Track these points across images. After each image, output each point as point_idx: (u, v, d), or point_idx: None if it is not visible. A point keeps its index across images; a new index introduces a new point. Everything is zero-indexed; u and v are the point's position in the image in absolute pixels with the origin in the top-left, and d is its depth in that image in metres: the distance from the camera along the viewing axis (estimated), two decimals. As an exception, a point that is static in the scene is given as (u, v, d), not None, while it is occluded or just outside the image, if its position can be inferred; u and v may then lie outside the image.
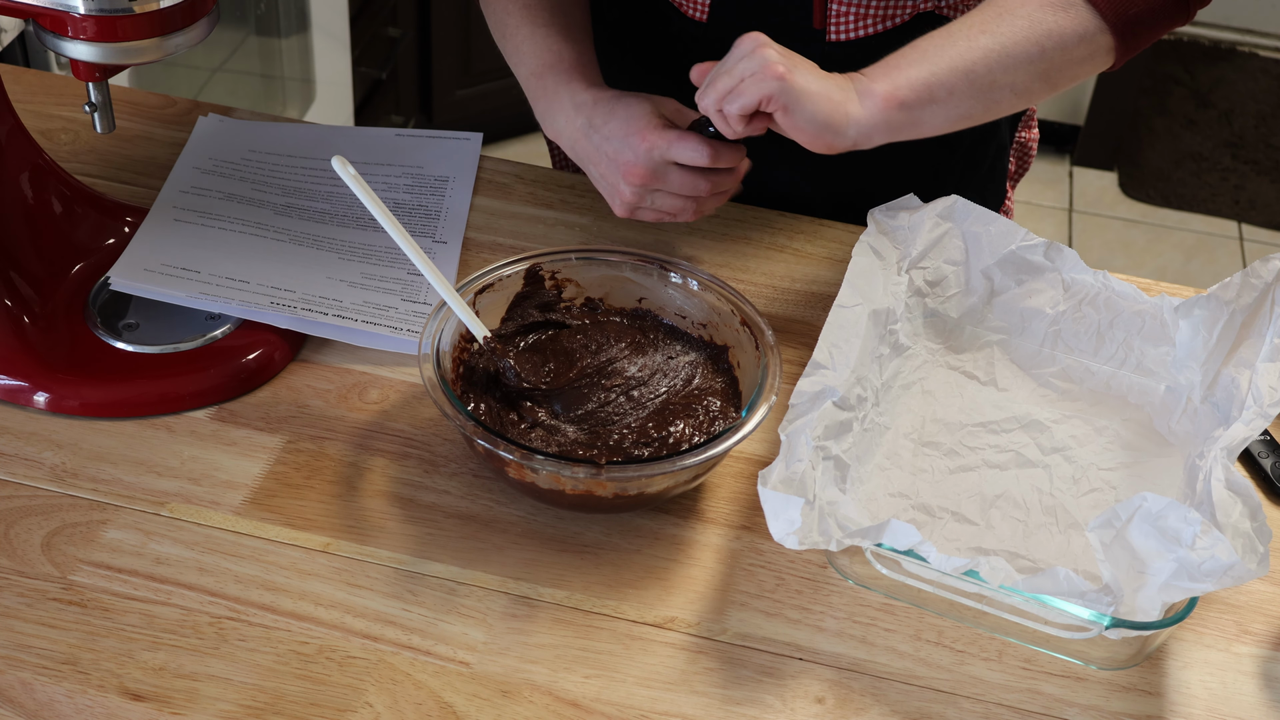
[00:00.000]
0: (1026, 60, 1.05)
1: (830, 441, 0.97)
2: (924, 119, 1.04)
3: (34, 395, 1.05)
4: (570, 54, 1.18)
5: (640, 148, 1.09)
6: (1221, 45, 3.74)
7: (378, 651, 0.91)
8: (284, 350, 1.11)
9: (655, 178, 1.10)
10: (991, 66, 1.04)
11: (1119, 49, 1.07)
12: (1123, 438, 1.08)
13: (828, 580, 0.98)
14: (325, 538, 0.98)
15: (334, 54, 2.58)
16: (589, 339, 1.09)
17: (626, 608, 0.95)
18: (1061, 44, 1.05)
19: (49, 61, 1.79)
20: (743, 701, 0.90)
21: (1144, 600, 0.87)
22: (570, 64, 1.18)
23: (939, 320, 1.15)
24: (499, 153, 2.82)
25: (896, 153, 1.29)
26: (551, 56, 1.18)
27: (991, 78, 1.04)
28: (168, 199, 1.23)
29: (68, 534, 0.97)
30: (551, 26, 1.19)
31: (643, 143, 1.09)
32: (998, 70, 1.04)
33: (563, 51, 1.18)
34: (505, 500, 1.01)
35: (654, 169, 1.10)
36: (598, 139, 1.12)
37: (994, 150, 1.34)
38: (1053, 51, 1.05)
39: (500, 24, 1.22)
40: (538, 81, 1.19)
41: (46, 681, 0.88)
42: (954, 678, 0.92)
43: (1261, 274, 1.06)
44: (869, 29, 1.20)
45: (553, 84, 1.17)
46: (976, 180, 1.34)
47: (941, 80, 1.03)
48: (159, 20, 0.97)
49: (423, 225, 1.24)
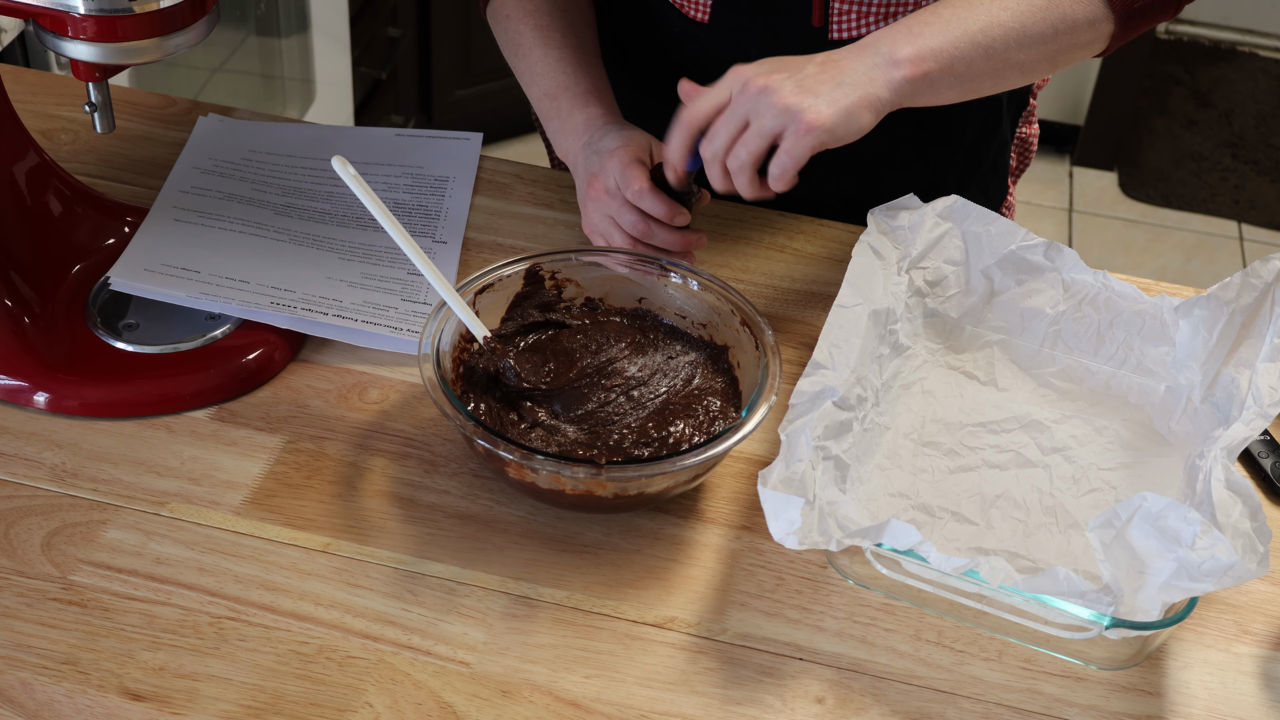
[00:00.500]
0: (1039, 40, 1.05)
1: (830, 441, 0.97)
2: (940, 91, 1.04)
3: (34, 395, 1.05)
4: (586, 78, 1.19)
5: (613, 168, 1.10)
6: (1221, 45, 3.74)
7: (378, 651, 0.91)
8: (284, 350, 1.11)
9: (612, 201, 1.10)
10: (1009, 44, 1.04)
11: (1115, 37, 1.09)
12: (1123, 438, 1.08)
13: (828, 580, 0.98)
14: (325, 538, 0.98)
15: (334, 54, 2.58)
16: (589, 339, 1.09)
17: (626, 608, 0.95)
18: (1072, 27, 1.06)
19: (49, 61, 1.79)
20: (743, 701, 0.90)
21: (1144, 600, 0.87)
22: (586, 88, 1.18)
23: (939, 320, 1.15)
24: (499, 153, 2.82)
25: (901, 150, 1.30)
26: (567, 79, 1.19)
27: (1006, 55, 1.05)
28: (168, 199, 1.23)
29: (68, 534, 0.97)
30: (565, 49, 1.20)
31: (617, 165, 1.10)
32: (1013, 48, 1.05)
33: (578, 74, 1.19)
34: (505, 500, 1.01)
35: (613, 194, 1.10)
36: (588, 153, 1.14)
37: (996, 146, 1.34)
38: (1064, 34, 1.06)
39: (512, 43, 1.22)
40: (551, 103, 1.19)
41: (46, 681, 0.88)
42: (954, 678, 0.92)
43: (1261, 274, 1.06)
44: (871, 27, 1.19)
45: (567, 106, 1.18)
46: (979, 176, 1.34)
47: (963, 54, 1.03)
48: (159, 20, 0.97)
49: (423, 225, 1.24)
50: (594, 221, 1.13)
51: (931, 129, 1.28)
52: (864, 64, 1.01)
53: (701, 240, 1.12)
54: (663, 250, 1.12)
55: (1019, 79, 1.08)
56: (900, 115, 1.08)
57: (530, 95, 1.22)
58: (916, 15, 1.04)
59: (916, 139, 1.29)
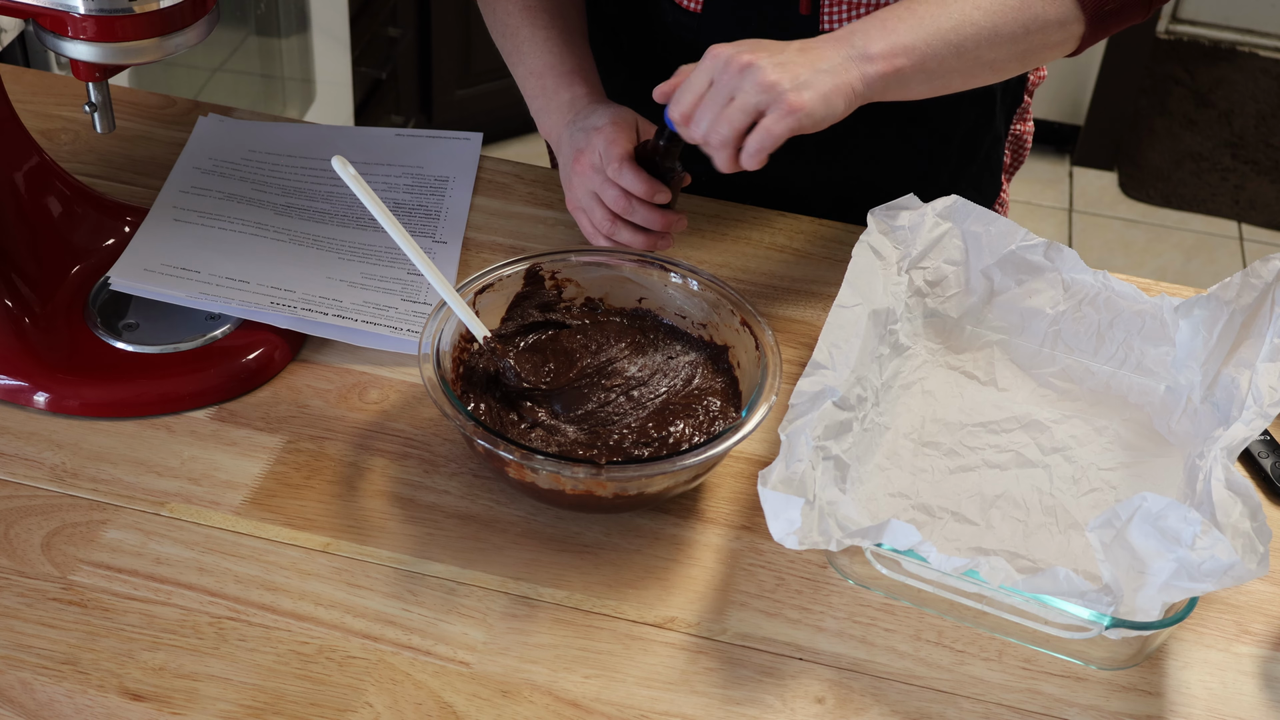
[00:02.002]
0: (1011, 39, 1.06)
1: (830, 441, 0.97)
2: (911, 87, 1.05)
3: (34, 395, 1.05)
4: (571, 58, 1.20)
5: (598, 144, 1.11)
6: (1221, 45, 3.74)
7: (378, 651, 0.91)
8: (284, 350, 1.11)
9: (596, 176, 1.11)
10: (980, 43, 1.05)
11: (1085, 37, 1.10)
12: (1123, 438, 1.08)
13: (828, 580, 0.98)
14: (325, 538, 0.98)
15: (334, 54, 2.58)
16: (589, 339, 1.09)
17: (626, 608, 0.95)
18: (1043, 27, 1.07)
19: (49, 61, 1.79)
20: (743, 701, 0.90)
21: (1144, 600, 0.87)
22: (572, 67, 1.20)
23: (939, 320, 1.15)
24: (499, 153, 2.81)
25: (891, 144, 1.30)
26: (553, 59, 1.20)
27: (978, 53, 1.06)
28: (168, 199, 1.23)
29: (68, 534, 0.97)
30: (552, 29, 1.21)
31: (603, 141, 1.11)
32: (984, 47, 1.06)
33: (564, 54, 1.20)
34: (505, 500, 1.01)
35: (598, 169, 1.11)
36: (574, 130, 1.15)
37: (989, 142, 1.34)
38: (1035, 34, 1.07)
39: (501, 24, 1.24)
40: (537, 81, 1.21)
41: (46, 681, 0.88)
42: (954, 678, 0.92)
43: (1261, 274, 1.06)
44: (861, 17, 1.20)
45: (553, 85, 1.20)
46: (971, 172, 1.35)
47: (935, 51, 1.04)
48: (159, 20, 0.97)
49: (423, 225, 1.24)
50: (577, 197, 1.15)
51: (923, 123, 1.28)
52: (840, 54, 1.02)
53: (681, 222, 1.13)
54: (642, 231, 1.12)
55: (990, 77, 1.09)
56: (890, 108, 1.08)
57: (516, 75, 1.24)
58: (891, 10, 1.05)
59: (907, 133, 1.29)
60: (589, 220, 1.14)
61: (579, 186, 1.14)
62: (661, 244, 1.13)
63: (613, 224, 1.13)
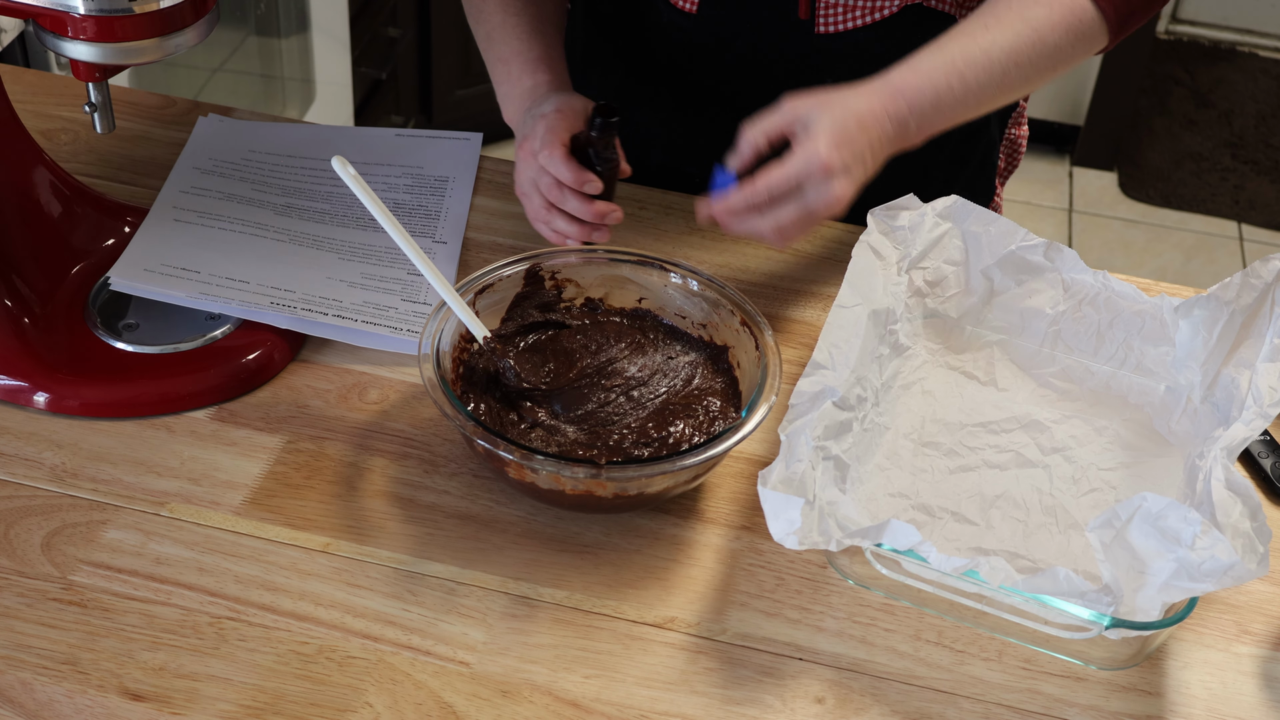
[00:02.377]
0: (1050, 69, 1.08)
1: (830, 441, 0.97)
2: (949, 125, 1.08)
3: (34, 395, 1.05)
4: (539, 46, 1.22)
5: (540, 130, 1.12)
6: (1221, 45, 3.74)
7: (378, 651, 0.91)
8: (284, 350, 1.11)
9: (534, 163, 1.12)
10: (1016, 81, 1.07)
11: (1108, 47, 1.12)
12: (1123, 438, 1.08)
13: (828, 580, 0.98)
14: (325, 538, 0.98)
15: (334, 54, 2.58)
16: (589, 339, 1.09)
17: (626, 608, 0.95)
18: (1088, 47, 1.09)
19: (49, 61, 1.79)
20: (743, 701, 0.90)
21: (1144, 600, 0.87)
22: (537, 55, 1.21)
23: (939, 320, 1.15)
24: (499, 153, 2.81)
25: None
26: (520, 45, 1.22)
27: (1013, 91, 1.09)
28: (168, 199, 1.23)
29: (68, 534, 0.97)
30: (523, 16, 1.23)
31: (544, 127, 1.12)
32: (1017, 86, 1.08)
33: (531, 41, 1.22)
34: (505, 500, 1.01)
35: (535, 155, 1.12)
36: (526, 116, 1.17)
37: (983, 146, 1.34)
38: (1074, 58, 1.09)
39: (475, 8, 1.26)
40: (503, 67, 1.23)
41: (46, 681, 0.88)
42: (954, 678, 0.92)
43: (1261, 274, 1.06)
44: (857, 21, 1.20)
45: (516, 71, 1.21)
46: (965, 176, 1.35)
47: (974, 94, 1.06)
48: (159, 20, 0.97)
49: (423, 225, 1.24)
50: (521, 183, 1.16)
51: None
52: (892, 127, 1.03)
53: (616, 214, 1.13)
54: (575, 220, 1.13)
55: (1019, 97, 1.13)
56: None
57: (486, 61, 1.25)
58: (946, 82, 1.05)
59: None
60: (530, 206, 1.15)
61: (522, 172, 1.15)
62: (596, 235, 1.14)
63: (549, 211, 1.14)
